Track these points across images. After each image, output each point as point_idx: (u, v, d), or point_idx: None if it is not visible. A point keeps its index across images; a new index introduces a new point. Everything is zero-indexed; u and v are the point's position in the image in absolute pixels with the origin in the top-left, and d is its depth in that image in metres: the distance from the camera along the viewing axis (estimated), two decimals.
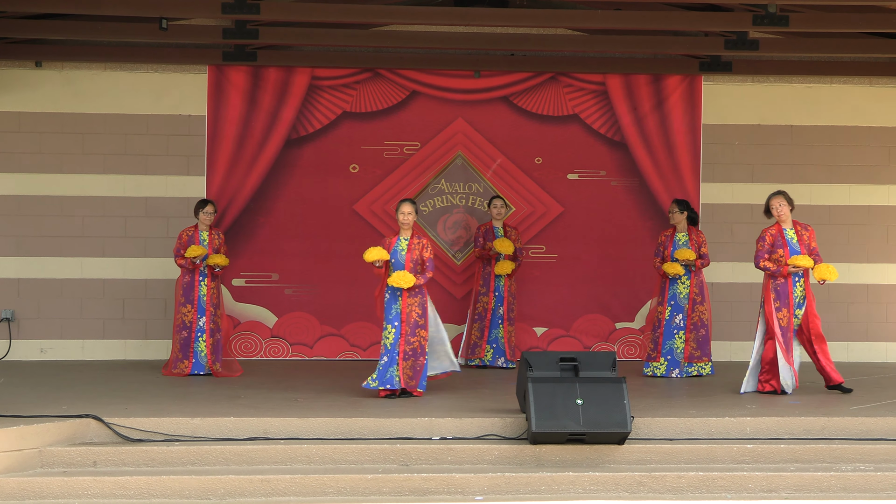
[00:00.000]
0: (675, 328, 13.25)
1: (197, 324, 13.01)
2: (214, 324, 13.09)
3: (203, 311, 13.04)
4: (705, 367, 13.28)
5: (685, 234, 13.37)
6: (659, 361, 13.25)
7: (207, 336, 13.02)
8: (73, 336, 14.57)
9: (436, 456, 9.49)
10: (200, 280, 13.05)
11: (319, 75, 14.85)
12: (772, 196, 11.90)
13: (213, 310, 13.09)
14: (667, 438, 9.88)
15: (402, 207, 11.54)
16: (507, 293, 13.99)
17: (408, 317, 11.34)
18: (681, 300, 13.28)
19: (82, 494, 8.86)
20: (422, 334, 11.37)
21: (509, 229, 14.08)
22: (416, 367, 11.32)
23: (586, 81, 15.01)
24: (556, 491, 9.18)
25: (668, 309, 13.27)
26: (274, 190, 14.79)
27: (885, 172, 15.03)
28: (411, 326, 11.33)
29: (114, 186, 14.62)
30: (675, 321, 13.26)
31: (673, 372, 13.21)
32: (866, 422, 10.10)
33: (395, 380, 11.23)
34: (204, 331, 13.02)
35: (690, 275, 13.28)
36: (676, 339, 13.24)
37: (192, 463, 9.33)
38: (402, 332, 11.31)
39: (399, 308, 11.34)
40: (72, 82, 14.62)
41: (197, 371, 12.99)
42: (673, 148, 15.01)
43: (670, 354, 13.24)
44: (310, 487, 9.03)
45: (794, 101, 15.12)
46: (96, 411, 9.86)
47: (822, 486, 9.29)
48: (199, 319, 13.03)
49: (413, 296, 11.38)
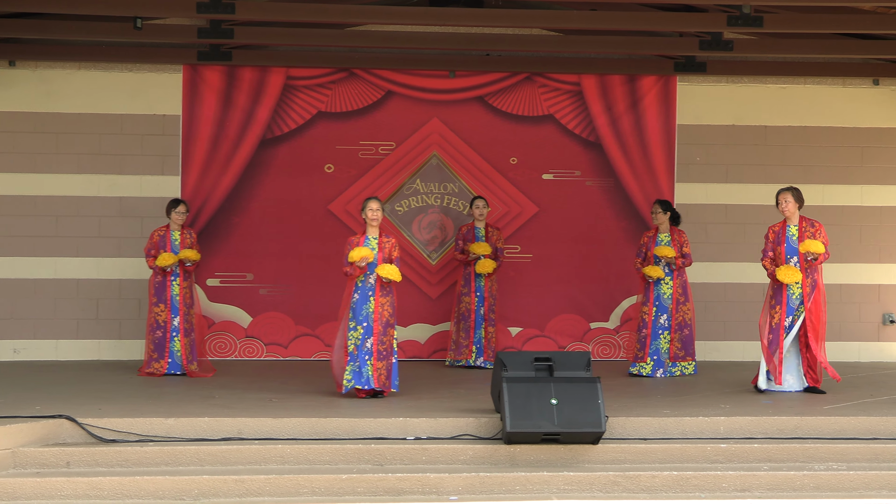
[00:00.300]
0: (661, 328, 13.28)
1: (171, 323, 12.97)
2: (189, 323, 13.06)
3: (177, 311, 13.00)
4: (689, 366, 13.31)
5: (667, 234, 13.39)
6: (646, 361, 13.27)
7: (182, 336, 12.98)
8: (46, 336, 14.51)
9: (410, 456, 9.49)
10: (172, 280, 13.01)
11: (295, 75, 14.83)
12: (779, 192, 11.91)
13: (187, 309, 13.06)
14: (641, 438, 9.90)
15: (370, 204, 11.44)
16: (489, 293, 13.98)
17: (380, 316, 11.32)
18: (665, 300, 13.30)
19: (55, 495, 8.82)
20: (391, 333, 11.36)
21: (491, 230, 14.06)
22: (388, 367, 11.31)
23: (561, 82, 15.03)
24: (531, 491, 9.19)
25: (653, 309, 13.30)
26: (249, 190, 14.77)
27: (858, 173, 15.09)
28: (383, 325, 11.32)
29: (88, 186, 14.58)
30: (661, 321, 13.29)
31: (658, 372, 13.24)
32: (839, 421, 10.14)
33: (371, 380, 11.22)
34: (179, 330, 12.98)
35: (674, 275, 13.31)
36: (662, 340, 13.27)
37: (166, 463, 9.30)
38: (375, 332, 11.29)
39: (371, 308, 11.31)
40: (46, 82, 14.57)
41: (173, 371, 12.95)
42: (648, 148, 15.05)
43: (656, 355, 13.27)
44: (284, 488, 9.01)
45: (768, 102, 15.18)
46: (70, 412, 9.83)
47: (795, 485, 9.33)
48: (174, 319, 12.99)
49: (385, 295, 11.37)
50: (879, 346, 15.01)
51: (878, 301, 15.02)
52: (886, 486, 9.33)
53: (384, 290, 11.36)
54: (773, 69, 15.06)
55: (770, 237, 11.94)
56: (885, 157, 15.19)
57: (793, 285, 11.75)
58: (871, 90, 15.22)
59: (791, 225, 11.86)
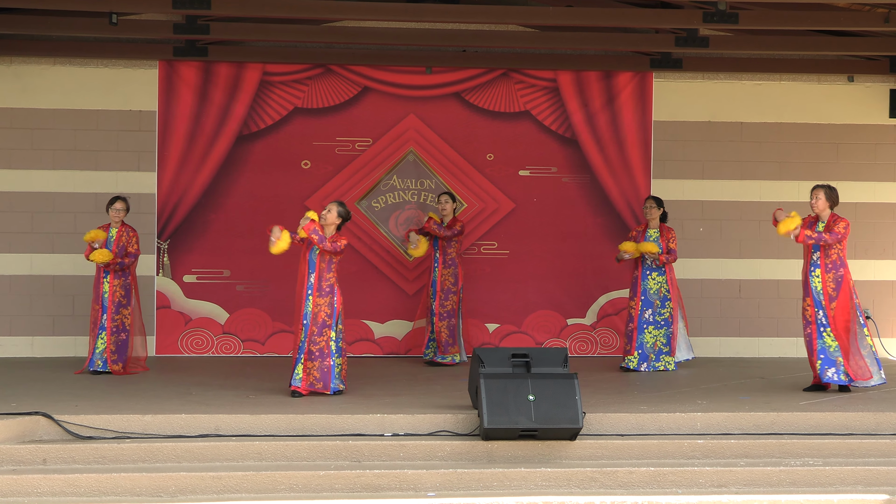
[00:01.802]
0: (646, 323, 13.33)
1: (100, 321, 12.85)
2: (118, 322, 12.90)
3: (105, 309, 12.82)
4: (671, 362, 13.35)
5: (657, 230, 13.45)
6: (633, 355, 13.33)
7: (108, 334, 12.81)
8: (22, 333, 14.47)
9: (388, 452, 9.49)
10: (104, 278, 12.87)
11: (271, 71, 14.80)
12: (812, 188, 11.83)
13: (115, 308, 12.86)
14: (618, 434, 9.93)
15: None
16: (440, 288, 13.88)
17: (315, 317, 11.26)
18: (651, 295, 13.35)
19: (32, 492, 8.79)
20: (328, 334, 11.28)
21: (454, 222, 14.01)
22: (322, 369, 11.22)
23: (538, 78, 15.04)
24: (508, 487, 9.20)
25: (639, 304, 13.35)
26: (225, 186, 14.74)
27: (833, 169, 15.13)
28: (318, 326, 11.28)
29: (63, 182, 14.52)
30: (646, 316, 13.34)
31: (642, 366, 13.29)
32: (815, 416, 10.18)
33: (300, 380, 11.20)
34: (105, 328, 12.83)
35: (663, 271, 13.37)
36: (646, 334, 13.32)
37: (143, 460, 9.28)
38: (309, 333, 11.24)
39: (308, 307, 11.26)
40: (20, 77, 14.51)
41: (91, 368, 12.74)
42: (624, 144, 15.07)
43: (641, 348, 13.32)
44: (262, 484, 9.00)
45: (744, 99, 15.22)
46: (46, 409, 9.81)
47: (771, 480, 9.36)
48: (102, 317, 12.84)
49: (322, 295, 11.30)
50: None
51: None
52: (862, 482, 9.37)
53: (322, 290, 11.28)
54: (749, 66, 15.11)
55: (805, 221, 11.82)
56: (859, 153, 15.25)
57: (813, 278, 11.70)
58: (845, 87, 15.28)
59: (821, 222, 11.82)
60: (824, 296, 11.61)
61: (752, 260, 15.15)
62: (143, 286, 13.90)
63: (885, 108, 15.30)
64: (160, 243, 14.61)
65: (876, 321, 15.19)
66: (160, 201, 14.62)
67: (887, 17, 13.21)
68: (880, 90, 15.31)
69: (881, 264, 15.33)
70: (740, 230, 15.17)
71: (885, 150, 15.30)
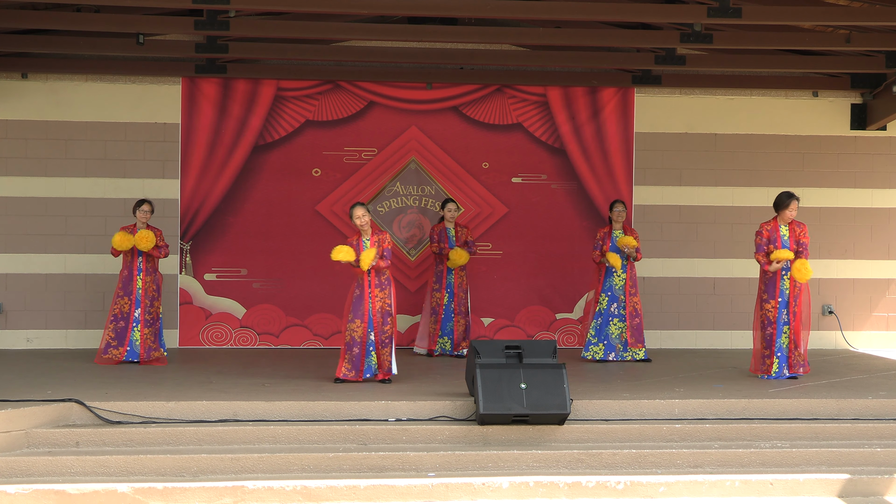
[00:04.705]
0: (611, 316, 13.31)
1: (133, 315, 12.79)
2: (151, 315, 12.87)
3: (139, 304, 12.76)
4: (639, 352, 13.33)
5: (621, 231, 13.42)
6: (598, 347, 13.30)
7: (143, 326, 12.79)
8: (57, 327, 14.46)
9: (392, 436, 9.48)
10: (137, 275, 12.84)
11: (284, 87, 14.79)
12: (795, 197, 11.78)
13: (149, 302, 12.82)
14: (603, 419, 9.91)
15: (355, 212, 11.16)
16: (458, 289, 13.93)
17: (380, 309, 11.24)
18: (616, 291, 13.33)
19: (66, 472, 8.80)
20: (391, 322, 11.31)
21: (460, 229, 14.02)
22: (391, 355, 11.27)
23: (529, 93, 15.03)
24: (502, 468, 9.20)
25: (605, 298, 13.33)
26: (242, 192, 14.73)
27: (799, 176, 15.13)
28: (383, 316, 11.26)
29: (94, 188, 14.52)
30: (612, 309, 13.32)
31: (610, 355, 13.27)
32: (783, 403, 10.18)
33: (374, 368, 11.22)
34: (139, 321, 12.81)
35: (626, 267, 13.33)
36: (612, 326, 13.30)
37: (168, 443, 9.28)
38: (375, 324, 11.23)
39: (369, 303, 11.25)
40: (56, 92, 14.50)
41: (130, 359, 12.68)
42: (608, 154, 15.06)
43: (606, 339, 13.30)
44: (276, 465, 9.00)
45: (718, 112, 15.22)
46: (79, 396, 9.80)
47: (743, 461, 9.36)
48: (136, 311, 12.78)
49: (382, 289, 11.30)
50: (819, 334, 15.05)
51: (818, 294, 15.05)
52: (826, 463, 9.39)
53: (381, 283, 11.29)
54: (723, 82, 15.09)
55: (764, 235, 11.78)
56: (823, 162, 15.26)
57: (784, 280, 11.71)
58: (810, 101, 15.28)
59: (783, 225, 11.79)
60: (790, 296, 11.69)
61: (725, 259, 15.14)
62: (167, 283, 13.87)
63: (847, 120, 15.31)
64: (183, 244, 14.61)
65: (839, 315, 15.20)
66: (183, 206, 14.61)
67: (848, 38, 13.26)
68: (842, 104, 15.31)
69: (843, 263, 15.32)
70: (715, 232, 15.16)
71: (846, 160, 15.30)
